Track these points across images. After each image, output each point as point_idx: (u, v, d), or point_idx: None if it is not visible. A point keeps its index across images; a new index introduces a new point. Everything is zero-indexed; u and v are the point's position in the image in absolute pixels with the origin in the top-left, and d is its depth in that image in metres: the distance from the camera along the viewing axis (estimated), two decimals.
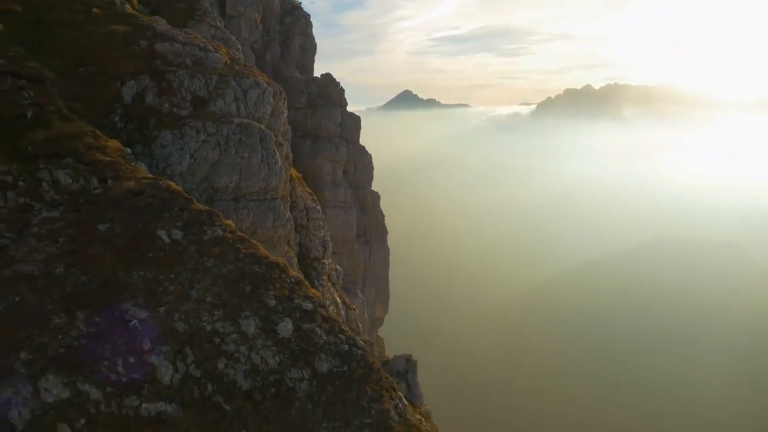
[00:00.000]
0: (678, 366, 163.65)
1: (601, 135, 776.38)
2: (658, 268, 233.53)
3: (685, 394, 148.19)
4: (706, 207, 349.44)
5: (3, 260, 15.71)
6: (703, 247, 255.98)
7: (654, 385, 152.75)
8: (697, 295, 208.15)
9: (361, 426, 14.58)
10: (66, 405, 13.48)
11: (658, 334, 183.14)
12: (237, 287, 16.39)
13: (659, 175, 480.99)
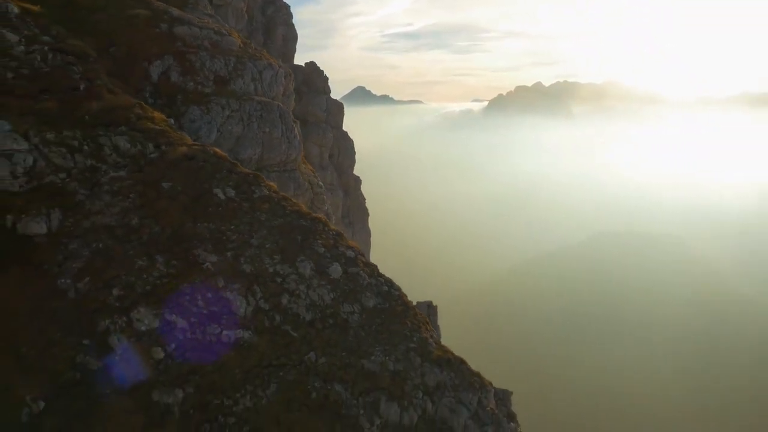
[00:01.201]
0: (624, 353, 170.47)
1: (552, 132, 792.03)
2: (606, 261, 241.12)
3: (631, 380, 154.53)
4: (651, 201, 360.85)
5: (81, 213, 17.61)
6: (647, 240, 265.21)
7: (601, 371, 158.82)
8: (642, 286, 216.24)
9: (407, 350, 17.05)
10: (154, 333, 15.58)
11: (607, 323, 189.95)
12: (289, 237, 18.63)
13: (607, 171, 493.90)
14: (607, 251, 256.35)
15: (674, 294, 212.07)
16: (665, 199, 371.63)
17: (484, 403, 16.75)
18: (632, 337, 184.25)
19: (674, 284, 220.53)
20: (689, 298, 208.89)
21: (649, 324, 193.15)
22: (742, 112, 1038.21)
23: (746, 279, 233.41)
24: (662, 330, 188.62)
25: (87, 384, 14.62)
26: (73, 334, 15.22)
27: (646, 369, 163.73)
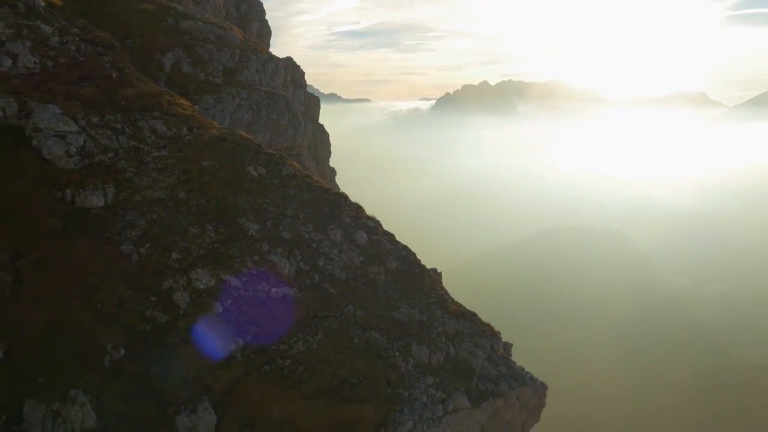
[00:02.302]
0: (569, 343, 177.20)
1: (498, 130, 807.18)
2: (551, 257, 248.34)
3: (573, 368, 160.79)
4: (593, 197, 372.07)
5: (132, 188, 19.52)
6: (589, 235, 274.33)
7: (546, 362, 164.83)
8: (585, 279, 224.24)
9: (428, 304, 19.57)
10: (214, 290, 17.69)
11: (553, 316, 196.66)
12: (318, 209, 20.90)
13: (551, 168, 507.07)
14: (552, 247, 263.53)
15: (615, 286, 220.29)
16: (606, 195, 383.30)
17: (495, 347, 19.41)
18: (576, 327, 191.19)
19: (615, 276, 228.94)
20: (630, 290, 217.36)
21: (592, 315, 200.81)
22: (680, 111, 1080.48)
23: (683, 270, 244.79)
24: (604, 320, 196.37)
25: (158, 334, 16.63)
26: (141, 291, 17.20)
27: (590, 357, 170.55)
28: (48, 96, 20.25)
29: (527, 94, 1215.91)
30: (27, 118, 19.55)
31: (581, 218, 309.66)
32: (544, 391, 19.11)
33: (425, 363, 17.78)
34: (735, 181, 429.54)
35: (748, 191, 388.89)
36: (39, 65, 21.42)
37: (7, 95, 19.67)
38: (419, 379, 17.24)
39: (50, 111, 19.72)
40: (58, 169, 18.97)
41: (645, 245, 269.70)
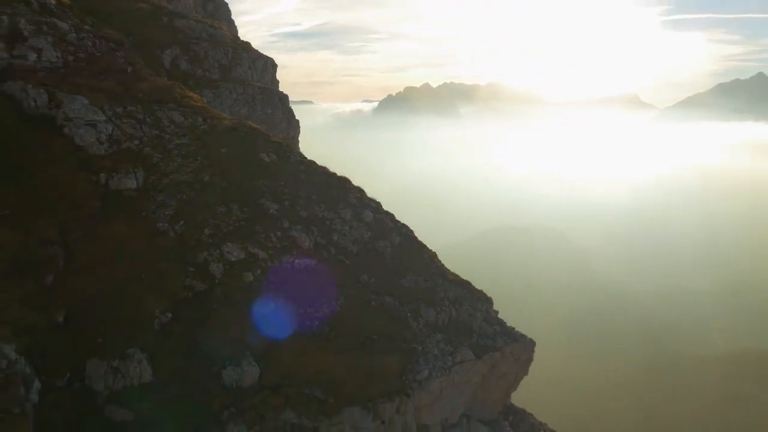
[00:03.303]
0: None
1: (440, 131, 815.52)
2: (494, 256, 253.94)
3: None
4: (533, 197, 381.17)
5: (160, 172, 21.30)
6: (532, 234, 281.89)
7: None
8: (529, 278, 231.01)
9: (431, 273, 22.02)
10: (244, 262, 19.70)
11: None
12: (327, 190, 23.07)
13: (493, 169, 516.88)
14: (495, 246, 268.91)
15: (558, 283, 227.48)
16: (547, 195, 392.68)
17: (489, 310, 22.01)
18: (522, 324, 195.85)
19: (558, 274, 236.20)
20: (572, 286, 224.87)
21: (537, 312, 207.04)
22: (615, 112, 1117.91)
23: (622, 267, 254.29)
24: (549, 316, 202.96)
25: (199, 301, 18.54)
26: (179, 263, 19.08)
27: (537, 352, 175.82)
28: (74, 88, 21.74)
29: (469, 96, 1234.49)
30: (57, 108, 21.03)
31: (524, 218, 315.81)
32: (532, 347, 21.80)
33: (433, 322, 20.22)
34: (667, 180, 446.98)
35: (680, 190, 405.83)
36: (61, 59, 22.84)
37: (37, 87, 21.10)
38: (429, 335, 19.68)
39: (79, 101, 21.26)
40: (90, 155, 20.57)
41: (584, 243, 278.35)
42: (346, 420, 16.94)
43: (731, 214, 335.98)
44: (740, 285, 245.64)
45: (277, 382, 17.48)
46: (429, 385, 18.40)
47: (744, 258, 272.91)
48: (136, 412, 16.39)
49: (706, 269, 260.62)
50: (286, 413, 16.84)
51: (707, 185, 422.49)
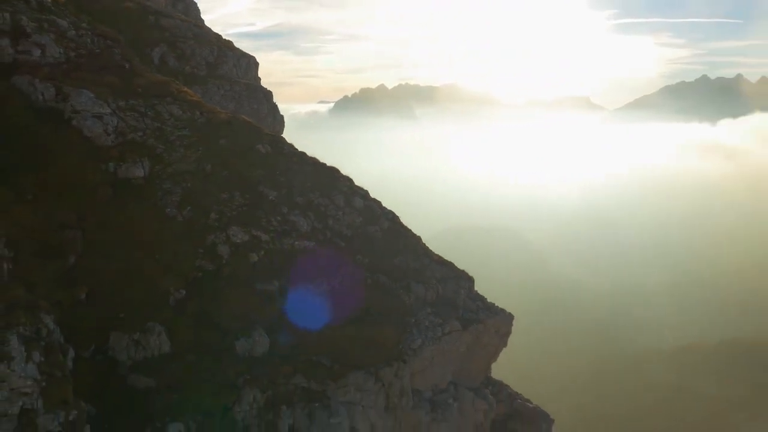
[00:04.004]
0: None
1: (396, 132, 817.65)
2: (451, 257, 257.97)
3: None
4: (491, 197, 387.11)
5: (164, 162, 22.66)
6: (489, 234, 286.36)
7: None
8: (486, 277, 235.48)
9: (418, 254, 23.89)
10: (249, 244, 21.23)
11: None
12: (320, 179, 24.71)
13: (449, 170, 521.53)
14: (453, 246, 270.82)
15: (514, 282, 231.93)
16: (503, 195, 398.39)
17: (471, 288, 24.00)
18: None
19: (514, 273, 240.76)
20: (527, 285, 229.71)
21: None
22: (567, 114, 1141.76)
23: (576, 265, 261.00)
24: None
25: (209, 279, 20.01)
26: (189, 245, 20.51)
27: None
28: (79, 82, 22.86)
29: (425, 98, 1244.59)
30: (64, 101, 22.17)
31: (481, 218, 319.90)
32: (511, 320, 23.87)
33: (422, 298, 22.11)
34: (618, 180, 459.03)
35: (630, 189, 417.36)
36: (63, 55, 23.91)
37: (44, 81, 22.18)
38: (420, 309, 21.58)
39: (85, 95, 22.42)
40: (98, 145, 21.81)
41: (540, 243, 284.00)
42: (351, 383, 18.69)
43: (679, 213, 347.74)
44: (687, 281, 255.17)
45: (286, 351, 19.10)
46: (422, 352, 20.28)
47: (691, 255, 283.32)
48: (157, 380, 17.79)
49: (656, 267, 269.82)
50: (296, 378, 18.50)
51: (656, 185, 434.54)
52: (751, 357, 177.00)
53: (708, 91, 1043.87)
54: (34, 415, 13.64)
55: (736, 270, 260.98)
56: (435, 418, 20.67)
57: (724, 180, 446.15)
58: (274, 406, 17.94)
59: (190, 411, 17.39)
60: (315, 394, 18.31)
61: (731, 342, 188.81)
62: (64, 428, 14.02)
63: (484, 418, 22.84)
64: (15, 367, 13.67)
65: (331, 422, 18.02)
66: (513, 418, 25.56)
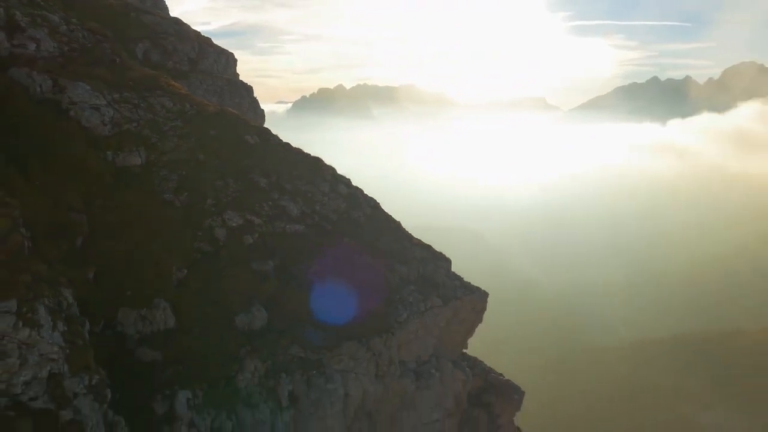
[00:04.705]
0: None
1: (354, 132, 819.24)
2: None
3: None
4: (448, 197, 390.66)
5: (159, 151, 23.83)
6: (449, 235, 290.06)
7: None
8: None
9: (399, 238, 25.55)
10: (243, 227, 22.60)
11: None
12: (305, 168, 26.18)
13: (407, 170, 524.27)
14: None
15: (472, 281, 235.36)
16: (461, 196, 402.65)
17: (449, 268, 25.78)
18: None
19: (474, 274, 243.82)
20: (485, 284, 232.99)
21: None
22: (524, 115, 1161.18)
23: (533, 264, 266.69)
24: None
25: (208, 260, 21.32)
26: (189, 229, 21.80)
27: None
28: (74, 75, 23.81)
29: (383, 98, 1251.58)
30: (61, 93, 23.13)
31: (441, 218, 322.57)
32: (485, 298, 25.72)
33: (405, 277, 23.78)
34: (574, 179, 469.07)
35: (585, 189, 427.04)
36: (57, 49, 24.81)
37: (41, 73, 23.10)
38: (404, 287, 23.26)
39: (81, 87, 23.41)
40: (96, 135, 22.81)
41: (499, 242, 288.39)
42: (344, 353, 20.27)
43: (632, 212, 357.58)
44: (641, 278, 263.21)
45: (284, 324, 20.55)
46: (407, 325, 21.96)
47: (645, 253, 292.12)
48: (164, 353, 19.05)
49: (611, 265, 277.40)
50: (294, 349, 20.00)
51: (610, 184, 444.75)
52: (703, 350, 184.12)
53: (658, 92, 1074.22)
54: (60, 378, 14.77)
55: (688, 266, 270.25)
56: (419, 386, 22.35)
57: (675, 179, 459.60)
58: (275, 375, 19.39)
59: (196, 380, 18.71)
60: (312, 363, 19.82)
61: (684, 336, 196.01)
62: (88, 390, 15.19)
63: (463, 388, 24.62)
64: (43, 334, 14.82)
65: (328, 387, 19.55)
66: (487, 390, 27.39)
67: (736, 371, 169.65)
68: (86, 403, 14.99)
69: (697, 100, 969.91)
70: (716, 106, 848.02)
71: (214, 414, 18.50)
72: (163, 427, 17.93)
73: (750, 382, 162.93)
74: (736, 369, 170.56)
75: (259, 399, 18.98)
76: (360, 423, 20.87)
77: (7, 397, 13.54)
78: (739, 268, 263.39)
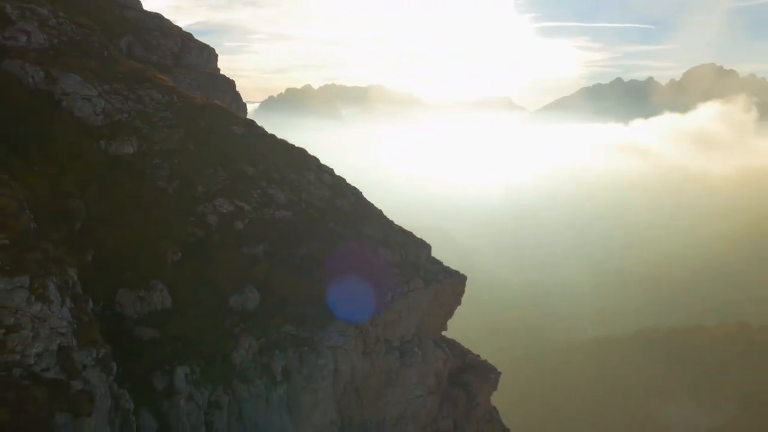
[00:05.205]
0: None
1: (322, 132, 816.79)
2: None
3: None
4: (418, 198, 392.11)
5: (150, 140, 24.62)
6: (418, 234, 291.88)
7: None
8: None
9: (382, 224, 26.70)
10: (234, 213, 23.56)
11: None
12: (291, 158, 27.17)
13: (376, 170, 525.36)
14: None
15: None
16: (430, 196, 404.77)
17: (429, 253, 27.03)
18: None
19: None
20: None
21: None
22: (491, 115, 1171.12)
23: (500, 263, 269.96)
24: None
25: (201, 244, 22.21)
26: (181, 214, 22.64)
27: None
28: (65, 67, 24.45)
29: (351, 98, 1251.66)
30: (54, 84, 23.77)
31: (408, 218, 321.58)
32: (464, 281, 27.02)
33: (389, 260, 24.94)
34: (540, 179, 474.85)
35: (552, 188, 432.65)
36: (48, 42, 25.38)
37: (34, 65, 23.71)
38: (388, 269, 24.41)
39: (73, 79, 24.07)
40: (90, 125, 23.51)
41: (467, 242, 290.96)
42: (334, 330, 21.33)
43: (597, 211, 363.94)
44: (605, 275, 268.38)
45: (275, 305, 21.54)
46: (392, 305, 23.12)
47: (609, 251, 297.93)
48: (162, 332, 19.91)
49: (576, 263, 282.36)
50: (286, 327, 21.02)
51: (576, 184, 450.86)
52: (666, 345, 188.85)
53: (622, 93, 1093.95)
54: (70, 351, 15.61)
55: (651, 264, 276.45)
56: (403, 363, 23.54)
57: (639, 178, 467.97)
58: (268, 351, 20.38)
59: (194, 357, 19.62)
60: (303, 340, 20.85)
61: (648, 331, 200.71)
62: (96, 363, 16.04)
63: (444, 367, 25.89)
64: (53, 309, 15.66)
65: (319, 363, 20.61)
66: (465, 370, 28.73)
67: (697, 366, 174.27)
68: (95, 374, 15.82)
69: (659, 100, 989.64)
70: (678, 107, 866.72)
71: (211, 388, 19.44)
72: (163, 401, 18.83)
73: (711, 376, 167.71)
74: (698, 364, 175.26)
75: (254, 374, 19.95)
76: (348, 397, 21.98)
77: (21, 367, 14.31)
78: (700, 265, 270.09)
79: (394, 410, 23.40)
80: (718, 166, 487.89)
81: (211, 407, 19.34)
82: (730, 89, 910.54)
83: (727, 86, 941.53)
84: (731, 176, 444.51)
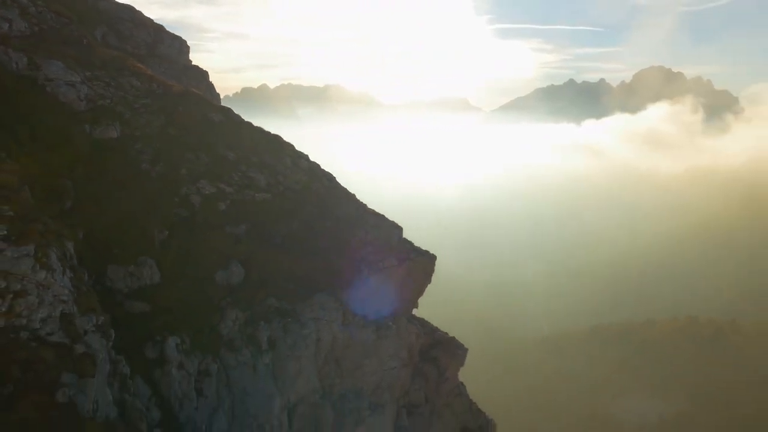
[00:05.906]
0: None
1: (280, 132, 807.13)
2: None
3: None
4: (373, 197, 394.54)
5: (132, 126, 25.47)
6: None
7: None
8: None
9: (356, 207, 28.03)
10: (216, 195, 24.59)
11: None
12: (268, 144, 28.29)
13: (333, 170, 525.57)
14: None
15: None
16: (385, 195, 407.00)
17: (401, 234, 28.46)
18: None
19: None
20: None
21: None
22: (447, 115, 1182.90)
23: (457, 262, 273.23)
24: None
25: (185, 224, 23.20)
26: (165, 195, 23.56)
27: None
28: (48, 54, 25.07)
29: (307, 98, 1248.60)
30: (37, 70, 24.41)
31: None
32: (434, 261, 28.50)
33: (364, 240, 26.29)
34: (495, 179, 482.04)
35: (506, 188, 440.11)
36: (29, 29, 25.96)
37: (17, 51, 24.28)
38: (363, 247, 25.76)
39: (56, 65, 24.74)
40: (74, 110, 24.22)
41: (422, 242, 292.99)
42: (316, 302, 22.60)
43: (552, 210, 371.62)
44: (561, 273, 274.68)
45: (259, 280, 22.68)
46: (369, 281, 24.48)
47: (564, 248, 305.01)
48: (152, 305, 20.87)
49: (532, 260, 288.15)
50: (270, 300, 22.19)
51: (531, 183, 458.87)
52: (620, 340, 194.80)
53: (575, 94, 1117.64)
54: (72, 317, 16.56)
55: (604, 261, 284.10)
56: (379, 335, 24.91)
57: (591, 177, 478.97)
58: (253, 323, 21.53)
59: (183, 328, 20.65)
60: (287, 312, 22.06)
61: (602, 327, 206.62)
62: (96, 329, 17.00)
63: (416, 341, 27.38)
64: (56, 277, 16.59)
65: (303, 333, 21.86)
66: (435, 346, 30.24)
67: (647, 360, 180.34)
68: (95, 339, 16.78)
69: (610, 101, 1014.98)
70: (628, 108, 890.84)
71: (200, 357, 20.52)
72: (156, 369, 19.83)
73: (663, 369, 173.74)
74: (648, 358, 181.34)
75: (240, 344, 21.09)
76: (329, 366, 23.25)
77: (28, 330, 15.22)
78: (651, 263, 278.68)
79: (370, 380, 24.74)
80: (668, 166, 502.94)
81: (200, 375, 20.43)
82: (678, 91, 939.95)
83: (675, 88, 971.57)
84: (680, 175, 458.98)
